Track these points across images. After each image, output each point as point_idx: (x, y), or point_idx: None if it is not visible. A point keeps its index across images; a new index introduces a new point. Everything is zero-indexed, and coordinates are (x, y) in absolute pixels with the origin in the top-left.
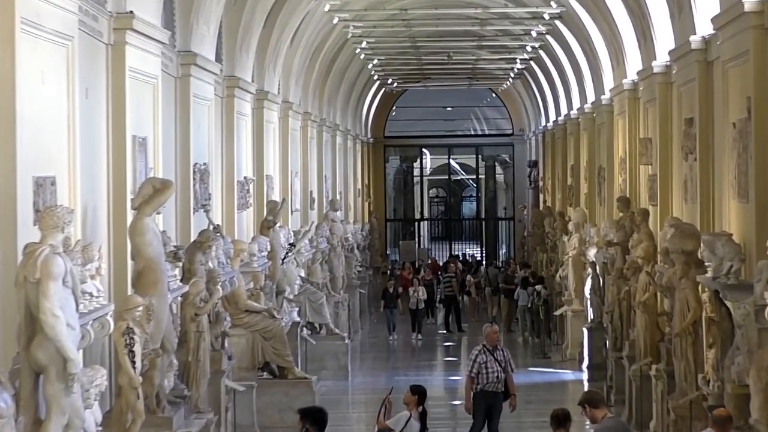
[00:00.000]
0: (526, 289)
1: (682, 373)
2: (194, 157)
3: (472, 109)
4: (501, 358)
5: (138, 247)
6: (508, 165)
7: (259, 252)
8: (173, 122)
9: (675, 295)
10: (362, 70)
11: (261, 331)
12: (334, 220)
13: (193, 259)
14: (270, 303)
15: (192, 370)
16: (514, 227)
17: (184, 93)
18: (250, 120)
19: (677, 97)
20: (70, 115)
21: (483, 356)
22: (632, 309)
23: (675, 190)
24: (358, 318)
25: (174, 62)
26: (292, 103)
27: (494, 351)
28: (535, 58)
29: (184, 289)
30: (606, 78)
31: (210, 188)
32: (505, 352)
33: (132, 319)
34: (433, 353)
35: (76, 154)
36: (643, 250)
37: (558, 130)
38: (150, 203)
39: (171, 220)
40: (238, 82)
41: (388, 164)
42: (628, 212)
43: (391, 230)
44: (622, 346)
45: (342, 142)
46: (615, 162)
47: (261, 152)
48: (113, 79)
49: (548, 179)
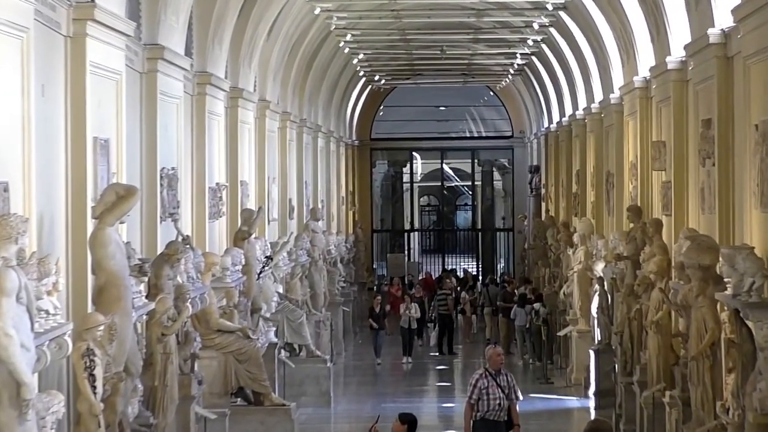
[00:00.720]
0: (523, 308)
1: (698, 400)
2: (161, 161)
3: (467, 109)
4: (504, 384)
5: (99, 260)
6: (507, 170)
7: (232, 266)
8: (138, 122)
9: (691, 314)
10: (347, 65)
11: (234, 353)
12: (315, 230)
13: (160, 274)
14: (244, 322)
15: (158, 395)
16: (514, 239)
17: (150, 90)
18: (224, 120)
19: (694, 96)
20: (24, 114)
21: (484, 381)
22: (644, 329)
23: (691, 198)
24: (341, 339)
25: (139, 56)
26: (270, 101)
27: (497, 376)
28: (537, 53)
29: (149, 307)
30: (615, 75)
31: (179, 195)
32: (509, 378)
33: (92, 340)
34: (425, 377)
35: (31, 157)
36: (655, 265)
37: (562, 133)
38: (113, 212)
39: (136, 231)
40: (209, 79)
41: (374, 169)
42: (639, 223)
43: (378, 242)
44: (632, 371)
45: (324, 145)
46: (625, 167)
47: (235, 156)
48: (72, 74)
49: (551, 186)
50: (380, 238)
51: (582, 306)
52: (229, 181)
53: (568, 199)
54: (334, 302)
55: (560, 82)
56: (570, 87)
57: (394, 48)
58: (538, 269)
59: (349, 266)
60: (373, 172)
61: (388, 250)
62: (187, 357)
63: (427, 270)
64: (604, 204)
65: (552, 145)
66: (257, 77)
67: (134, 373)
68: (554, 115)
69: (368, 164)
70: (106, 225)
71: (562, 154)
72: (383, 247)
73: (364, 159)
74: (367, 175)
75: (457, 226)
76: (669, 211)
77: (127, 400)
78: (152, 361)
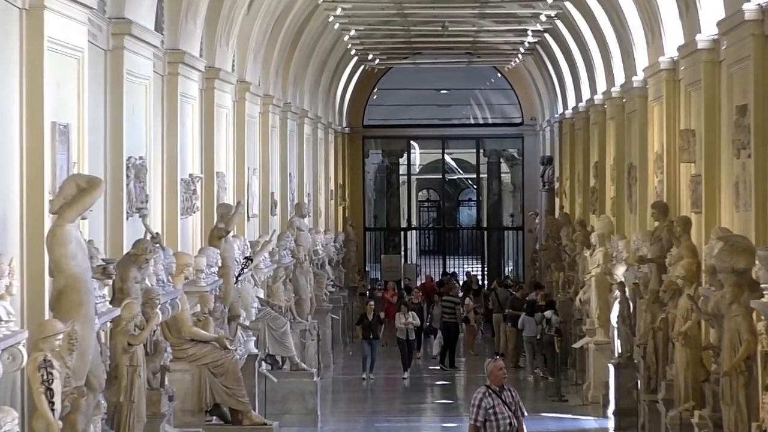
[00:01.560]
0: (533, 316)
1: (731, 420)
2: (128, 150)
3: (472, 93)
4: (510, 401)
5: (58, 261)
6: (517, 162)
7: (207, 267)
8: (102, 106)
9: (723, 324)
10: (337, 43)
11: (210, 366)
12: (300, 228)
13: (127, 276)
14: (221, 331)
15: (124, 413)
16: (524, 239)
17: (116, 69)
18: (198, 104)
19: (727, 78)
20: None
21: (489, 399)
22: (670, 341)
23: (724, 193)
24: (329, 350)
25: (104, 32)
26: (250, 83)
27: (501, 392)
28: (551, 30)
29: (114, 313)
30: (639, 55)
31: (147, 188)
32: (513, 393)
33: (50, 350)
34: (423, 394)
35: None
36: (683, 269)
37: (578, 120)
38: (73, 206)
39: (99, 228)
40: (182, 57)
41: (367, 160)
42: (665, 221)
43: (371, 241)
44: (657, 388)
45: (311, 133)
46: (649, 159)
47: (211, 144)
48: (28, 52)
49: (566, 180)
50: (373, 237)
51: (600, 315)
52: (204, 173)
53: (585, 195)
54: (321, 309)
55: (576, 63)
56: (588, 68)
57: (389, 23)
58: (550, 273)
59: (339, 268)
60: (366, 162)
61: (382, 250)
62: (157, 370)
63: (427, 274)
64: (626, 200)
65: (567, 133)
66: (236, 56)
67: (97, 388)
68: (569, 100)
69: (360, 154)
70: (66, 221)
71: (579, 143)
72: (377, 248)
73: (356, 148)
74: (359, 166)
75: (460, 225)
76: (699, 208)
77: (88, 418)
78: (117, 374)
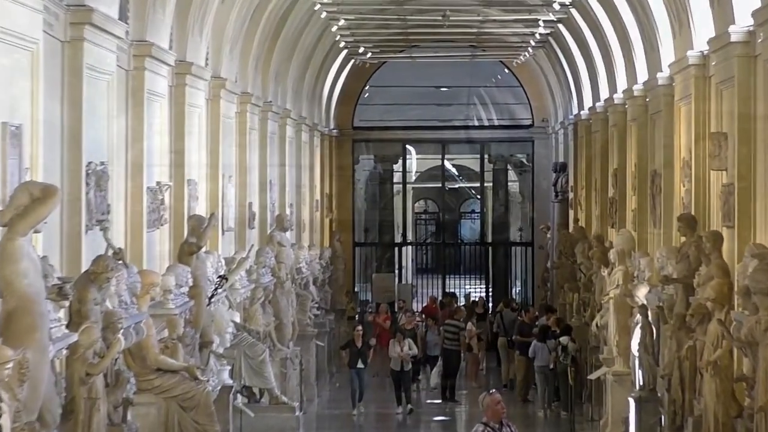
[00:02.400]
0: (545, 343)
1: None
2: (88, 154)
3: (475, 91)
4: None
5: (8, 280)
6: (526, 169)
7: (176, 287)
8: (59, 104)
9: (758, 352)
10: (323, 34)
11: (178, 398)
12: (281, 243)
13: (85, 297)
14: (192, 359)
15: None
16: (533, 256)
17: (74, 64)
18: (167, 102)
19: (764, 76)
20: None
21: None
22: (698, 372)
23: (759, 206)
24: (313, 381)
25: (61, 20)
26: (226, 79)
27: (501, 429)
28: (565, 20)
29: (72, 339)
30: (664, 49)
31: (109, 197)
32: (513, 429)
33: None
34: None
35: None
36: (713, 290)
37: (596, 121)
38: (26, 218)
39: (55, 242)
40: (150, 50)
41: (357, 166)
42: (693, 236)
43: (362, 258)
44: (683, 424)
45: (294, 135)
46: (675, 166)
47: (181, 148)
48: None
49: (581, 189)
50: (364, 254)
51: (620, 342)
52: (173, 180)
53: (603, 206)
54: (304, 335)
55: (594, 58)
56: (606, 63)
57: (383, 12)
58: (563, 295)
59: (325, 289)
60: (356, 169)
61: (373, 268)
62: (119, 403)
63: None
64: (649, 212)
65: (583, 137)
66: (210, 48)
67: (51, 423)
68: (586, 100)
69: (350, 159)
70: (17, 235)
71: (596, 148)
72: (368, 266)
73: (345, 153)
74: (349, 173)
75: (462, 240)
76: (731, 221)
77: None
78: (74, 408)
